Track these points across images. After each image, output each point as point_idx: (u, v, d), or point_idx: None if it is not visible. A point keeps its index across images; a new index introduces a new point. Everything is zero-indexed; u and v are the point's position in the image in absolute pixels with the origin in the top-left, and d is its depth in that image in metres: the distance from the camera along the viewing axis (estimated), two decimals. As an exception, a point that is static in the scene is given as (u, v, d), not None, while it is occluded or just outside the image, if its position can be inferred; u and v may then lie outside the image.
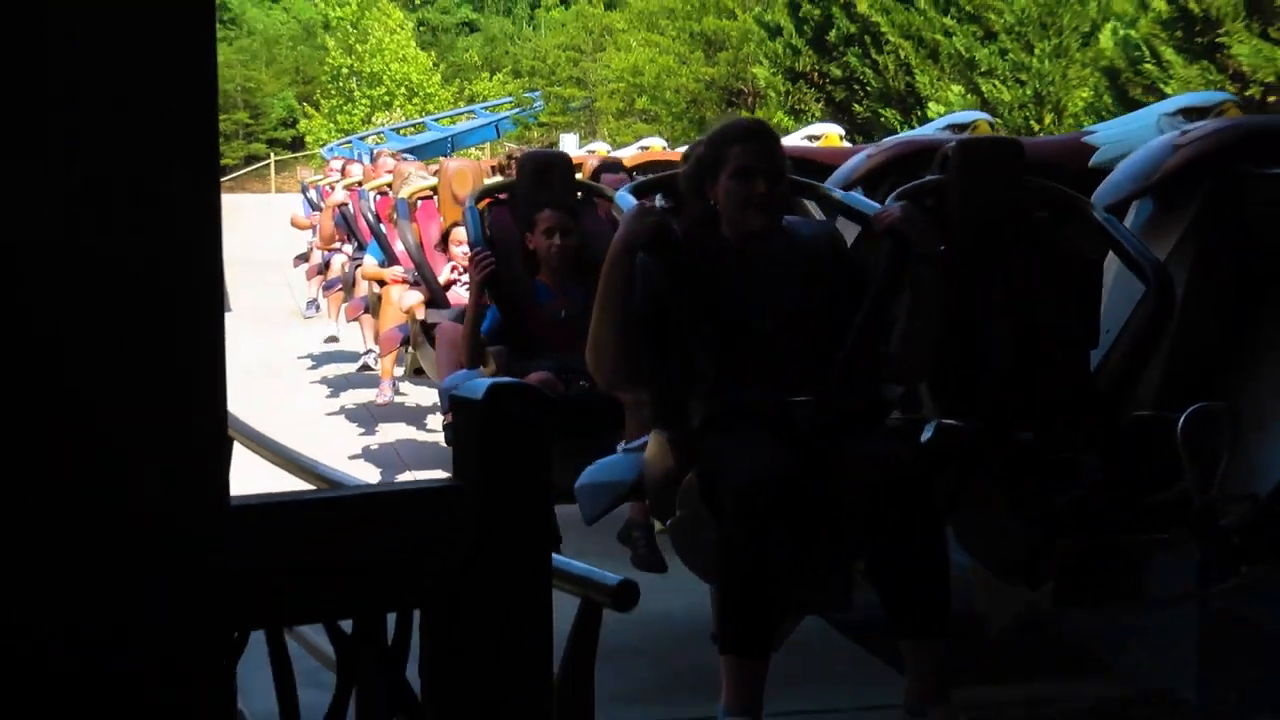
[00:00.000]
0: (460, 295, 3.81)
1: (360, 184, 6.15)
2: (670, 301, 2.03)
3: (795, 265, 2.13)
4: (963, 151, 2.47)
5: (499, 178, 4.25)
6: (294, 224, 9.35)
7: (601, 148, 9.98)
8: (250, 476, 1.78)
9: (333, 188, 7.38)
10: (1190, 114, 3.33)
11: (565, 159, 3.52)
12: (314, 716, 0.96)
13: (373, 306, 5.27)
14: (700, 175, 2.11)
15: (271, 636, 0.97)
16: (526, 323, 2.99)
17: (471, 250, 3.09)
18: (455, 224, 3.98)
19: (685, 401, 2.08)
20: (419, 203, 4.25)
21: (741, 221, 2.05)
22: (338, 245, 6.72)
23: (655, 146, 9.17)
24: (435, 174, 4.56)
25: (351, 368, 6.57)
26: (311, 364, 7.20)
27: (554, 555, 1.09)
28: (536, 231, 2.99)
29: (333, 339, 7.53)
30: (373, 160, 9.23)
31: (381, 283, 4.86)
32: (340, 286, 6.59)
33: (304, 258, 8.96)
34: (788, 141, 4.10)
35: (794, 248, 2.15)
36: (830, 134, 7.00)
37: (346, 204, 6.23)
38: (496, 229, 3.17)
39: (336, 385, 6.38)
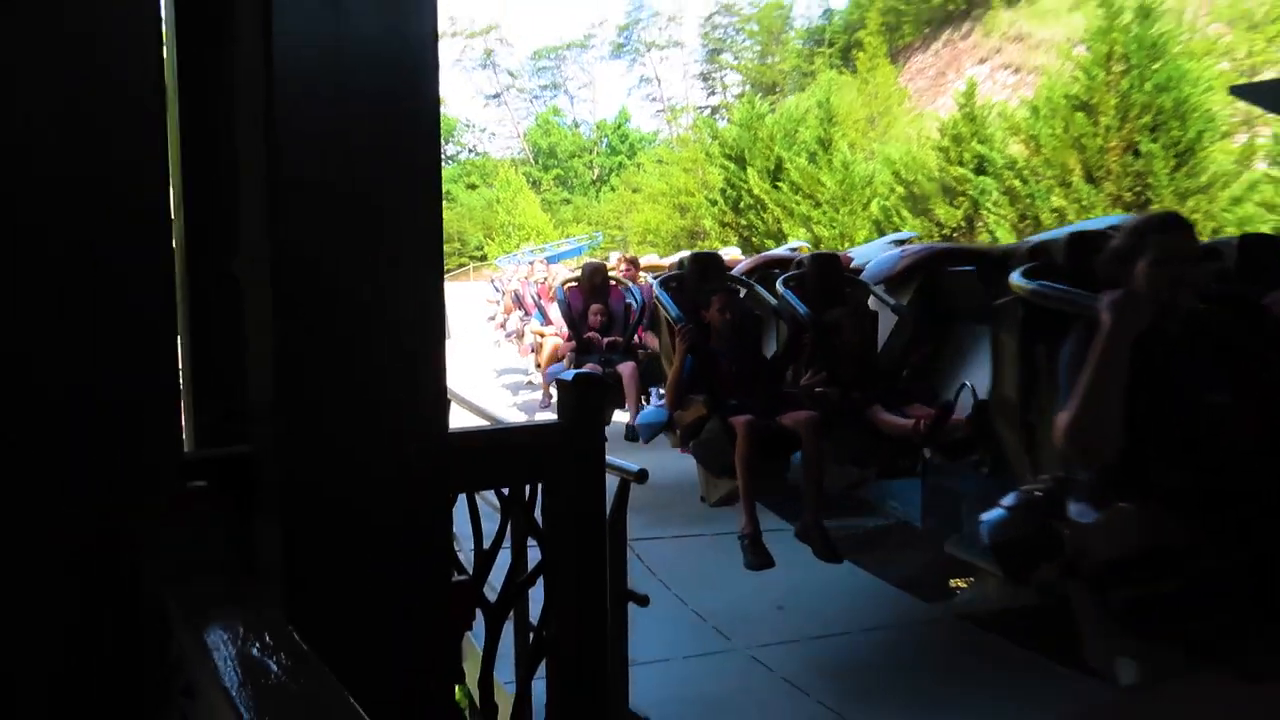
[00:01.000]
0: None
1: (526, 279, 11.74)
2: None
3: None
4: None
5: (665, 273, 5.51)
6: (487, 300, 15.84)
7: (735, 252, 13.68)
8: (461, 419, 3.11)
9: (507, 282, 14.38)
10: (898, 244, 4.45)
11: (719, 259, 4.48)
12: (487, 537, 1.90)
13: (536, 349, 8.38)
14: (1119, 261, 2.09)
15: (469, 495, 1.91)
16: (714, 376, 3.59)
17: (676, 323, 3.64)
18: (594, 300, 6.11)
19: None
20: (569, 287, 6.46)
21: (1173, 301, 2.01)
22: (515, 312, 11.08)
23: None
24: (576, 269, 7.70)
25: (523, 378, 10.47)
26: (498, 375, 11.28)
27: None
28: (712, 309, 3.70)
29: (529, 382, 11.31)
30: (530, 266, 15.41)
31: (542, 335, 7.52)
32: (515, 335, 10.90)
33: (491, 319, 14.99)
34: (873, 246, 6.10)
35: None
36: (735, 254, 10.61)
37: (519, 289, 10.97)
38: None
39: (513, 388, 10.26)
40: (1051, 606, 3.74)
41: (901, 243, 5.76)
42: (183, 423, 1.54)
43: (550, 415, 1.96)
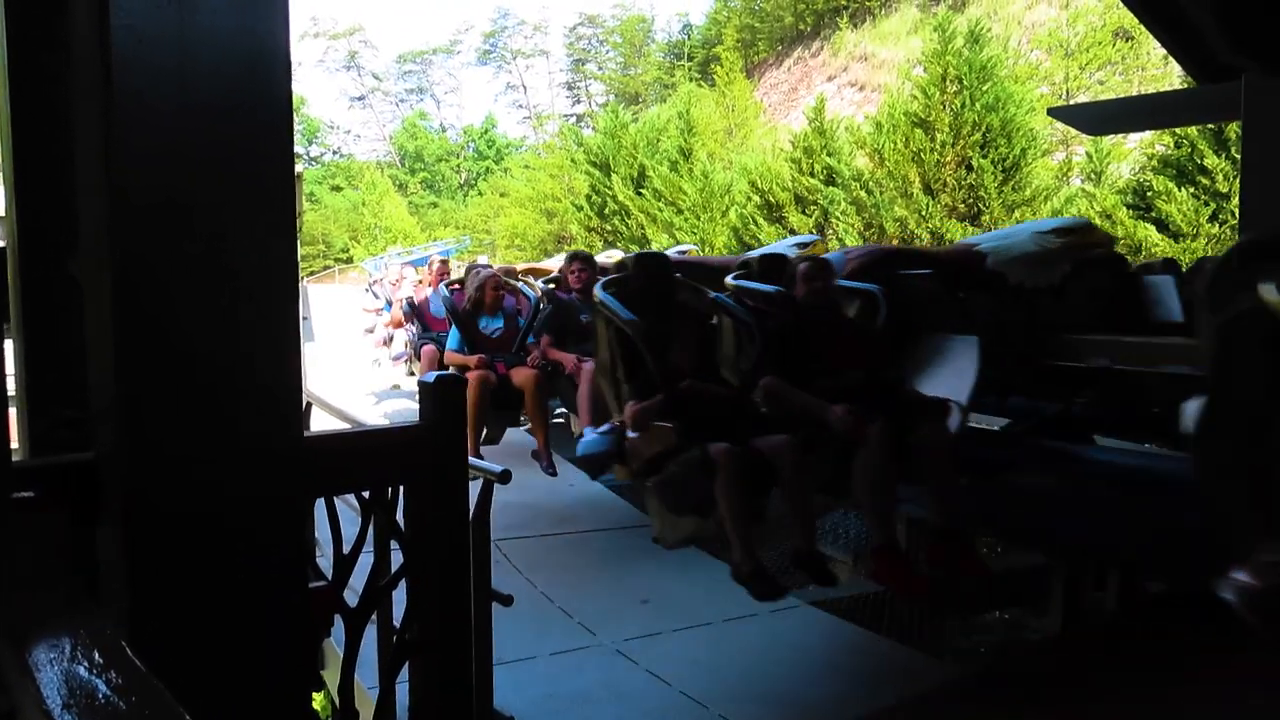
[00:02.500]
0: None
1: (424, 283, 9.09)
2: None
3: None
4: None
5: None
6: (364, 309, 12.81)
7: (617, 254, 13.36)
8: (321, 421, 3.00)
9: (394, 287, 11.30)
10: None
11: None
12: (348, 541, 1.88)
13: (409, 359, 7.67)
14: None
15: (327, 499, 1.89)
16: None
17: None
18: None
19: None
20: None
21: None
22: (407, 327, 8.22)
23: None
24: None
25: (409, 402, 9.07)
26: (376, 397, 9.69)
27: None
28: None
29: (395, 386, 9.72)
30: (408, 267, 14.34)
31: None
32: (407, 357, 8.19)
33: (370, 331, 12.66)
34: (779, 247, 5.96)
35: None
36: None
37: (412, 297, 8.11)
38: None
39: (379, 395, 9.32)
40: (891, 598, 4.05)
41: (803, 245, 5.61)
42: (13, 430, 1.46)
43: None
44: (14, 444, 1.53)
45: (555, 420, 5.80)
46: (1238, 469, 1.96)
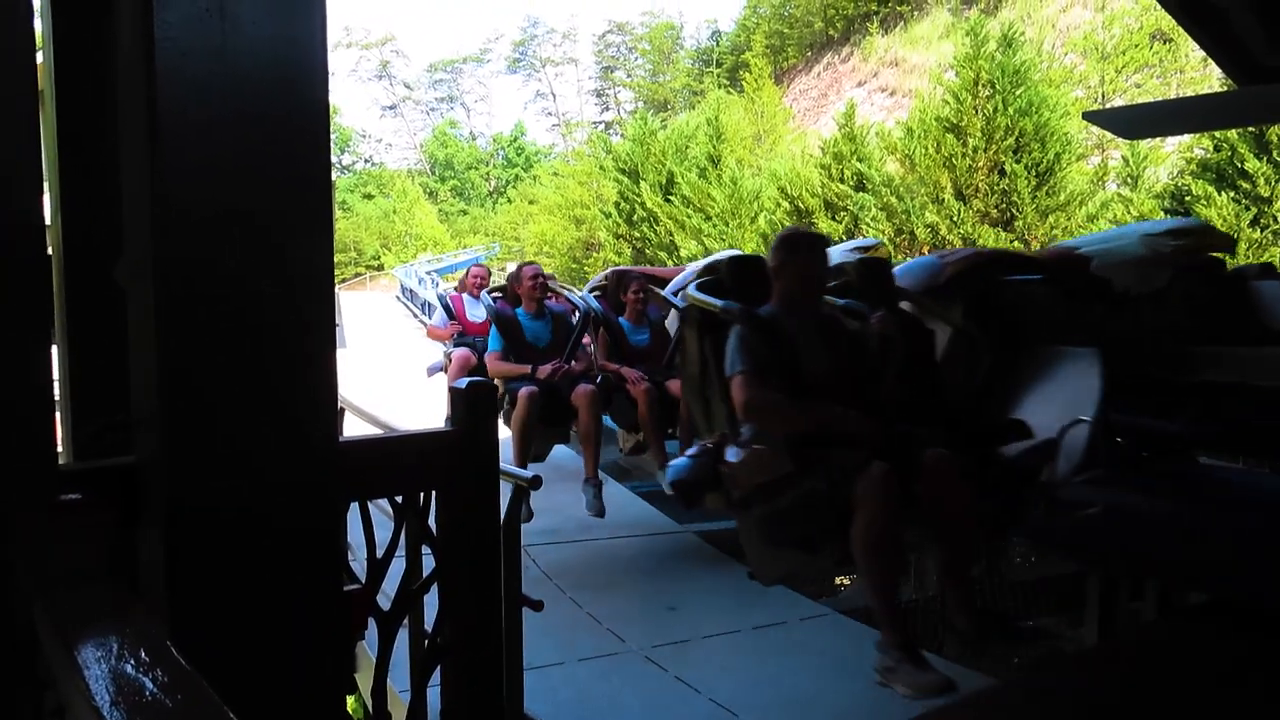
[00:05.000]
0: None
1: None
2: None
3: None
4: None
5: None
6: (434, 336, 6.87)
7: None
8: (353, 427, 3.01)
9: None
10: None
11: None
12: (381, 545, 1.90)
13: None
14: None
15: (361, 504, 1.91)
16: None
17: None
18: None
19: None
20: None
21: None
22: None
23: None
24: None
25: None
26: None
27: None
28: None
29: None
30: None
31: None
32: (443, 366, 6.24)
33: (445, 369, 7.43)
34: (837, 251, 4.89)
35: None
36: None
37: (445, 297, 6.58)
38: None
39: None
40: (928, 603, 4.01)
41: (865, 249, 4.99)
42: (60, 434, 1.49)
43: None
44: (59, 447, 1.56)
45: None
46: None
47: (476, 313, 5.81)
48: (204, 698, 0.77)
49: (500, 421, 4.12)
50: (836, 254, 4.74)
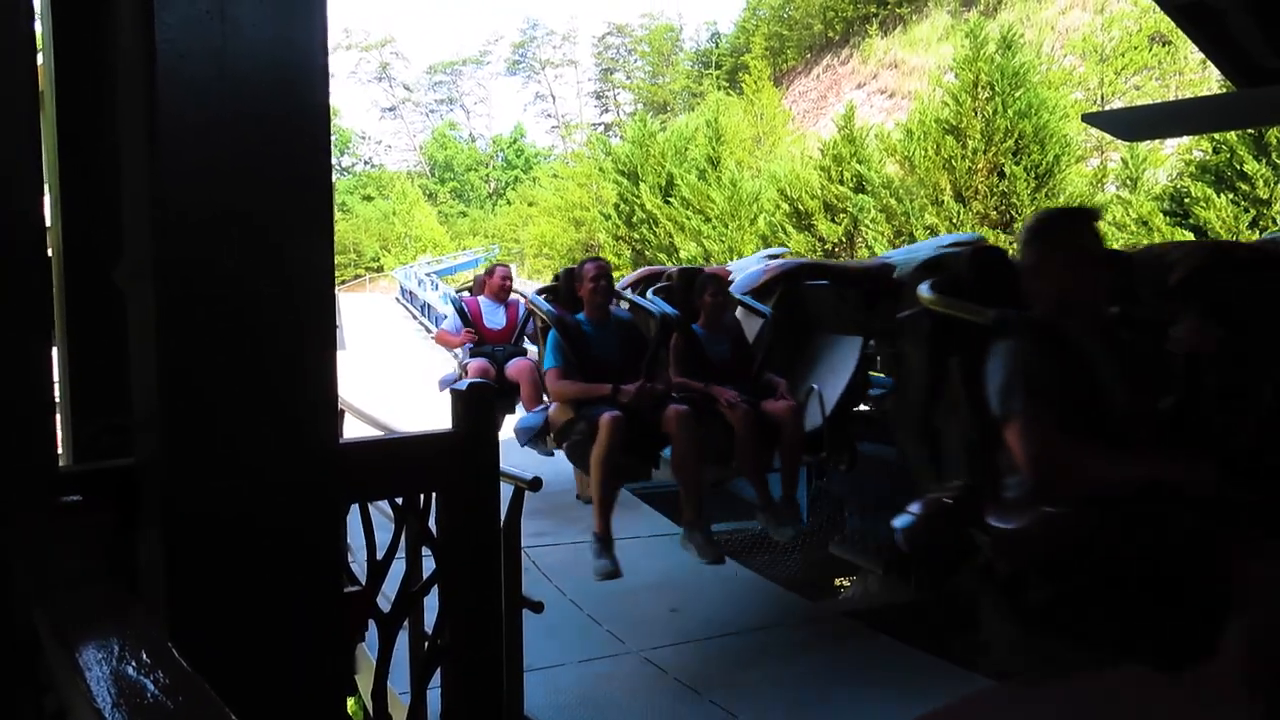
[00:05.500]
0: None
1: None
2: None
3: None
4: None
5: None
6: (443, 342, 6.28)
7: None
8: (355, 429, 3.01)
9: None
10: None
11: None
12: (381, 547, 1.90)
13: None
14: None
15: (361, 506, 1.91)
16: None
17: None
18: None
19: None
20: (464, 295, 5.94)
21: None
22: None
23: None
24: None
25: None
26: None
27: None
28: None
29: None
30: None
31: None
32: (456, 378, 5.60)
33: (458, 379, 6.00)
34: (749, 261, 5.66)
35: None
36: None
37: (460, 299, 6.11)
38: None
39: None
40: (929, 603, 4.02)
41: (774, 257, 5.81)
42: (60, 436, 1.49)
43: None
44: (59, 449, 1.56)
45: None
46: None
47: (496, 318, 5.54)
48: (206, 699, 0.77)
49: (557, 450, 3.91)
50: (751, 261, 5.30)
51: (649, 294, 4.25)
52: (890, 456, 3.88)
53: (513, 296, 5.74)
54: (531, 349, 5.56)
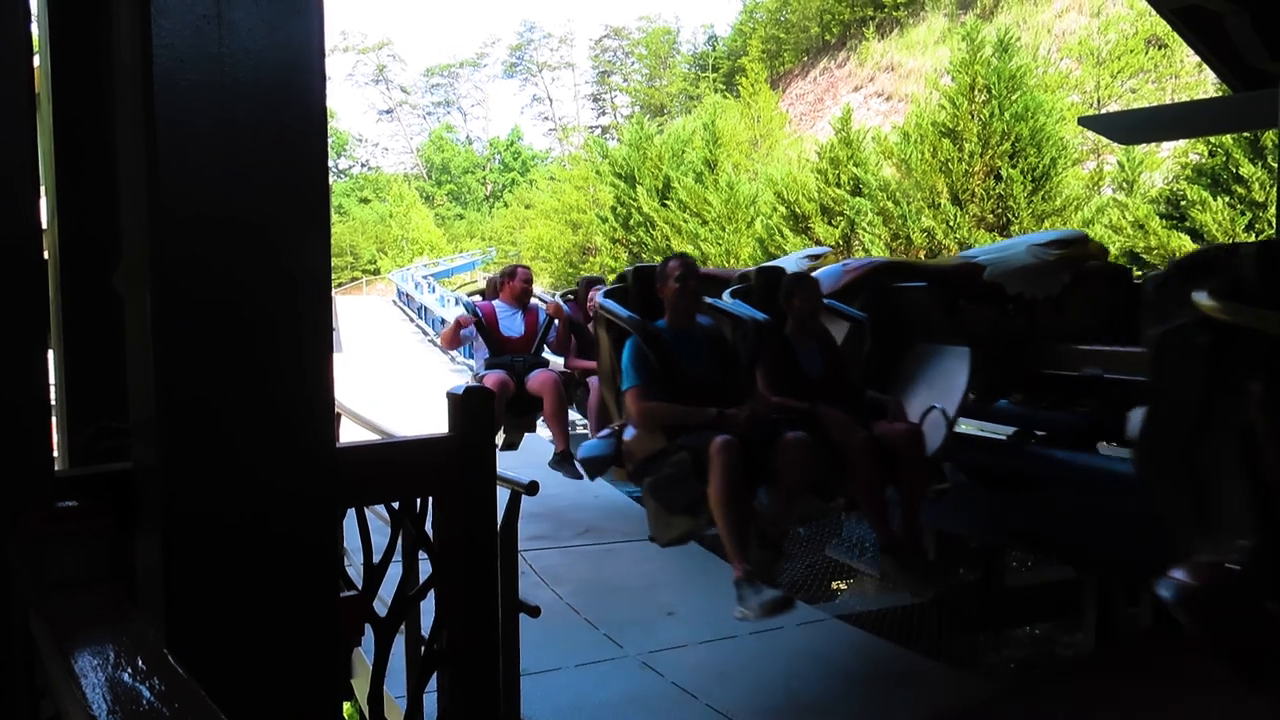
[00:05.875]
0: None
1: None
2: None
3: None
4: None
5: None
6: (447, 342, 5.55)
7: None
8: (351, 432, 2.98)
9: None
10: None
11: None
12: (377, 551, 1.90)
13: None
14: None
15: (357, 510, 1.91)
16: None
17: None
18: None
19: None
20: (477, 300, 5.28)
21: None
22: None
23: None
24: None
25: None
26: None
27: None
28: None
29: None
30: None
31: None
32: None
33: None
34: (787, 261, 5.00)
35: None
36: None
37: (474, 304, 5.34)
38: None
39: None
40: (926, 607, 4.02)
41: (815, 258, 5.15)
42: (56, 440, 1.49)
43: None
44: (55, 453, 1.56)
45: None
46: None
47: (513, 325, 4.86)
48: (201, 706, 0.77)
49: (638, 486, 3.22)
50: (789, 262, 4.78)
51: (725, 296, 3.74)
52: None
53: (532, 301, 5.11)
54: (554, 360, 5.19)
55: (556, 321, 4.92)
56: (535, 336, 4.85)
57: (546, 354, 5.08)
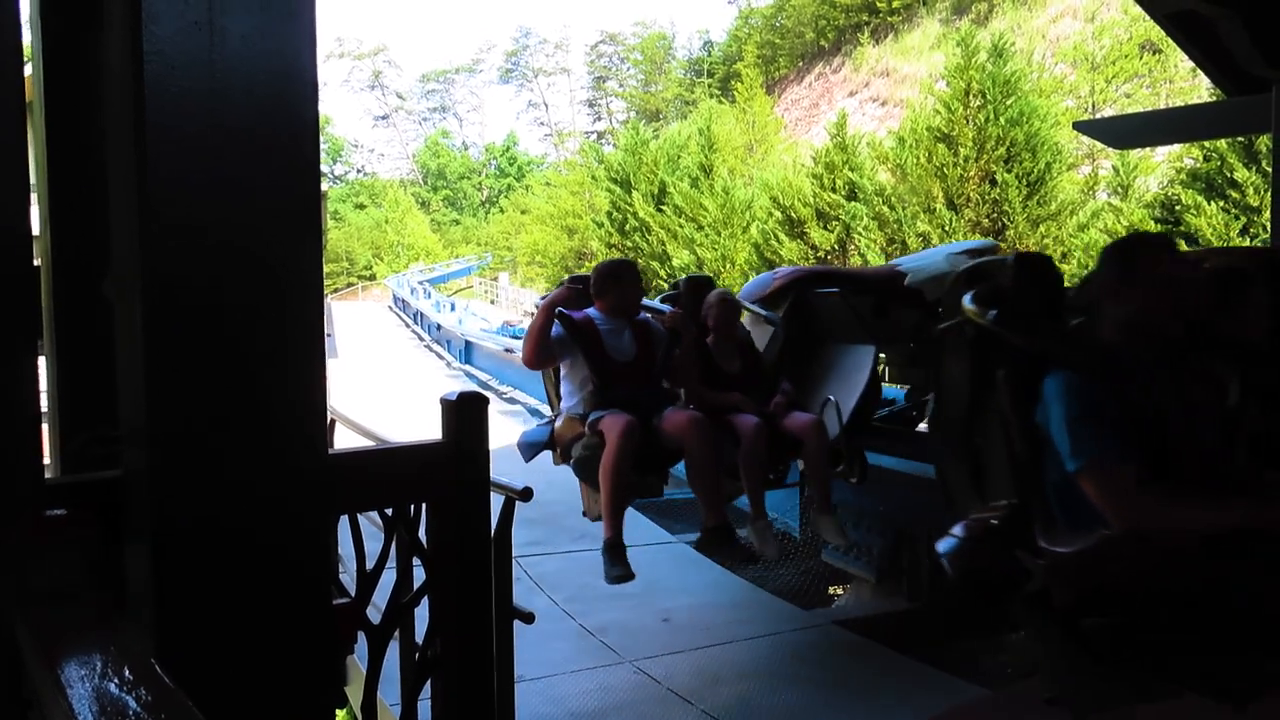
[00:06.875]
0: None
1: None
2: None
3: None
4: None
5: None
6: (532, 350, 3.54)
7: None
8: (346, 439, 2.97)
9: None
10: (970, 253, 4.32)
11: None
12: (371, 558, 1.89)
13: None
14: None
15: (351, 516, 1.90)
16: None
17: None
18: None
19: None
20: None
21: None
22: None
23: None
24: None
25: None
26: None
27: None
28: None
29: None
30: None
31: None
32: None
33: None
34: (936, 253, 5.06)
35: None
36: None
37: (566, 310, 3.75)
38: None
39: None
40: (922, 612, 4.01)
41: (975, 252, 4.72)
42: (46, 447, 1.48)
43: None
44: (46, 460, 1.55)
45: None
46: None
47: (621, 344, 3.33)
48: (187, 716, 0.76)
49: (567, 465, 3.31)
50: (930, 256, 4.68)
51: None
52: (888, 467, 3.88)
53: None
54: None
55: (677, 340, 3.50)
56: (654, 361, 3.38)
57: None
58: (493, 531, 1.98)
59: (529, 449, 3.45)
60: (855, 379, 4.01)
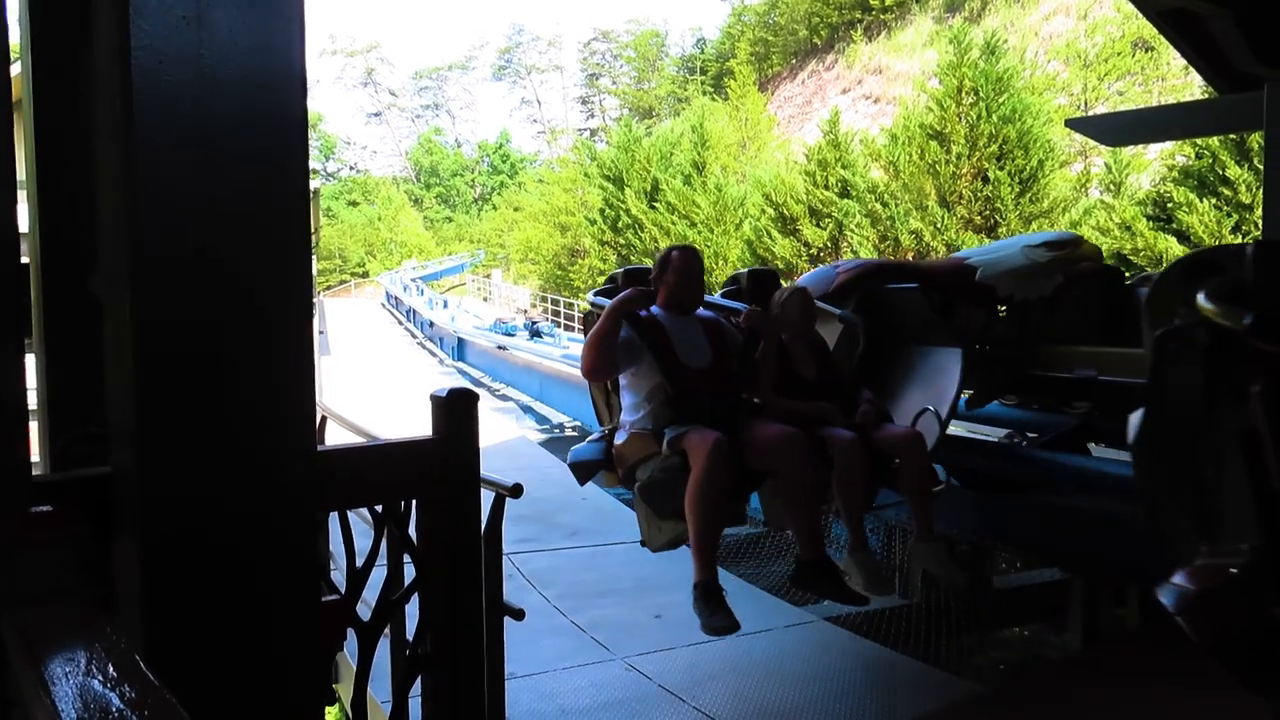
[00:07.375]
0: None
1: None
2: None
3: None
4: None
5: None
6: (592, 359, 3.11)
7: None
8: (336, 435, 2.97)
9: None
10: (1050, 246, 4.07)
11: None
12: (361, 554, 1.89)
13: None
14: None
15: (340, 513, 1.90)
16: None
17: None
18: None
19: None
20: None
21: None
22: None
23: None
24: None
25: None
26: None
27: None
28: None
29: None
30: None
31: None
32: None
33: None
34: (1013, 243, 4.58)
35: None
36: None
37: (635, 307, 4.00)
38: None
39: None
40: (914, 610, 4.02)
41: (1057, 245, 4.40)
42: (35, 444, 1.47)
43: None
44: (34, 457, 1.54)
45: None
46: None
47: (693, 346, 2.97)
48: (172, 714, 0.76)
49: (628, 490, 3.01)
50: (1015, 249, 4.24)
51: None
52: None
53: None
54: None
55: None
56: (729, 366, 3.02)
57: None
58: (483, 528, 1.98)
59: (583, 470, 3.06)
60: (945, 385, 3.46)
